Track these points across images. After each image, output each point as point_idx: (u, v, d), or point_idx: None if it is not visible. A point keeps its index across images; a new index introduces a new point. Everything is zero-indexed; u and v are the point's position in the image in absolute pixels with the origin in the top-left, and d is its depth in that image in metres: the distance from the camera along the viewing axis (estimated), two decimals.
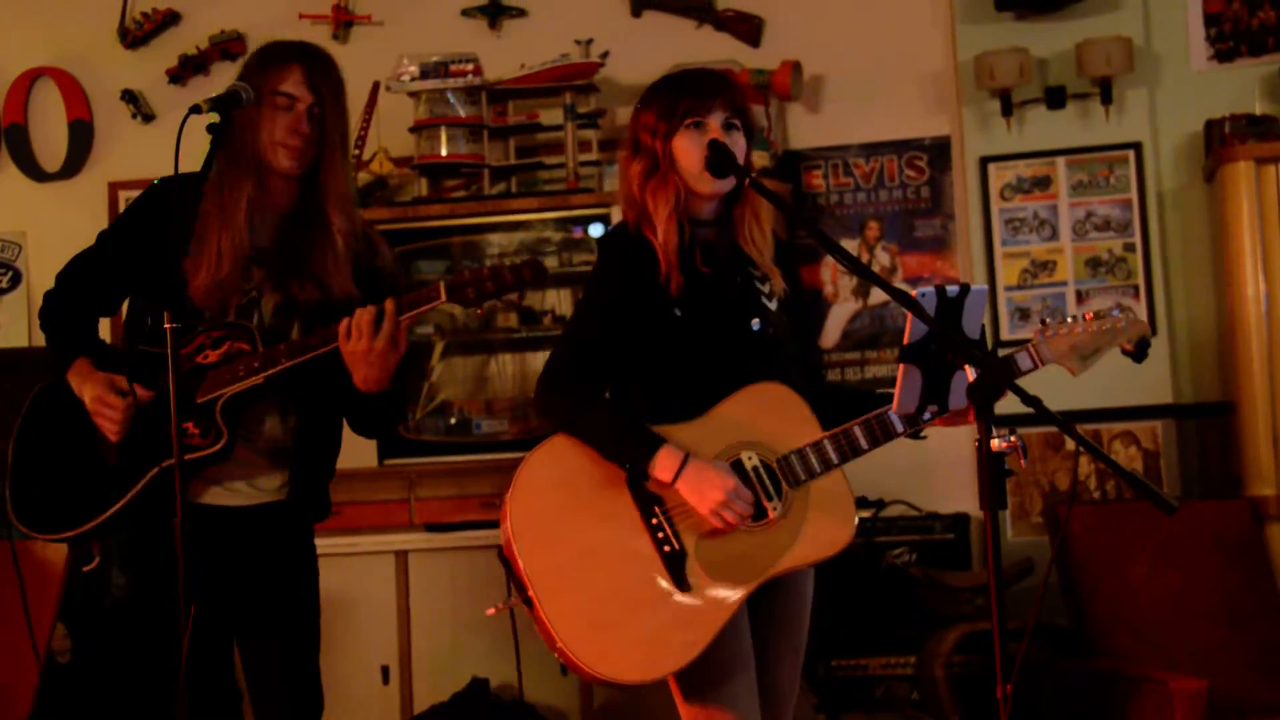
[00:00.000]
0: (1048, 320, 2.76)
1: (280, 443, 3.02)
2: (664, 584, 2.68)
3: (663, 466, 2.68)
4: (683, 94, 2.82)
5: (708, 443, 2.74)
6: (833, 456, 2.74)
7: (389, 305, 2.86)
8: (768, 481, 2.73)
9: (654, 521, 2.71)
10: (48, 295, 3.10)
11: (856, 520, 2.77)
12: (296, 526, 3.08)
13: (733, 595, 2.69)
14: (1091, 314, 2.75)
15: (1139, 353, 2.76)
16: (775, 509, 2.72)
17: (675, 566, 2.68)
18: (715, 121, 2.78)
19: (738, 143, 2.81)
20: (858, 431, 2.74)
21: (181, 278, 2.89)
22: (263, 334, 2.95)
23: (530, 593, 2.68)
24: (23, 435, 3.08)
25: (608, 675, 2.66)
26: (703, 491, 2.67)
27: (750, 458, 2.74)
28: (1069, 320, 2.75)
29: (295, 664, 3.03)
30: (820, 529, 2.74)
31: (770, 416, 2.76)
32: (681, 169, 2.80)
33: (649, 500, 2.71)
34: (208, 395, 2.91)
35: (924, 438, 2.86)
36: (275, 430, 3.01)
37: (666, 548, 2.69)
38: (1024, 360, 2.72)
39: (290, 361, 2.90)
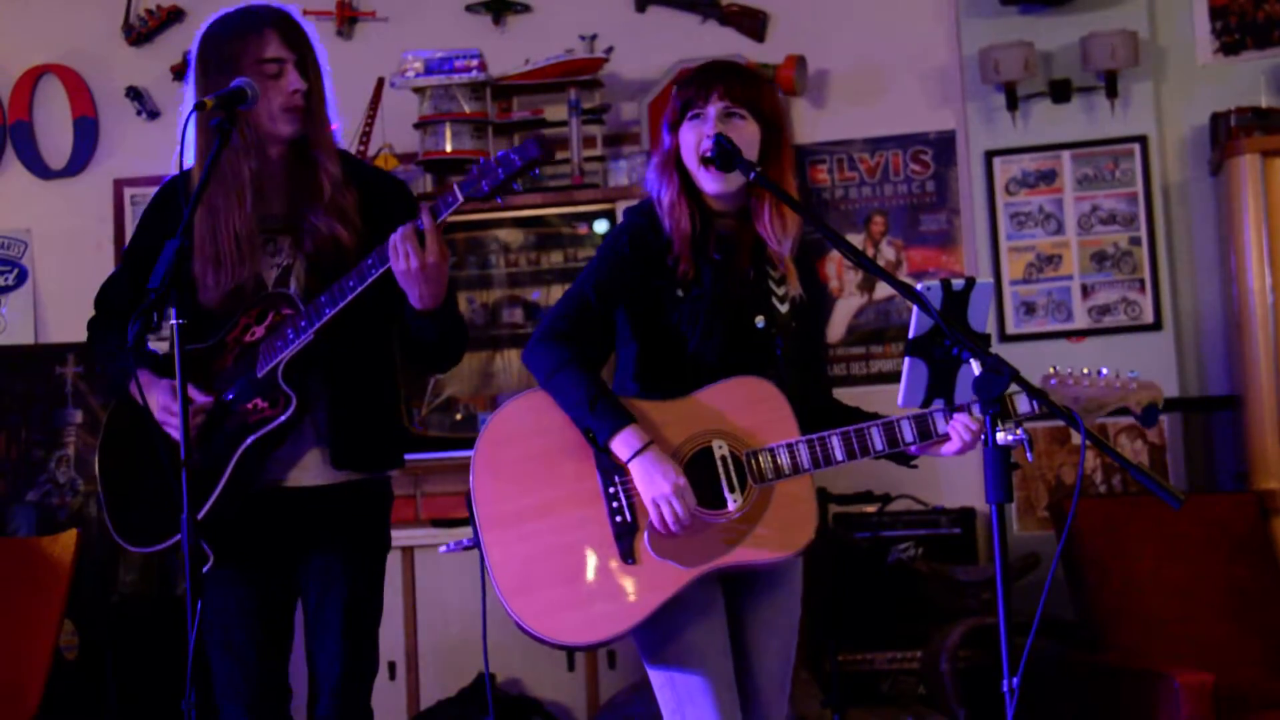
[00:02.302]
0: (1057, 367, 2.72)
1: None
2: (610, 553, 2.69)
3: (623, 444, 2.67)
4: (683, 86, 2.83)
5: (681, 424, 2.73)
6: (804, 461, 2.71)
7: (426, 212, 2.80)
8: (734, 473, 2.71)
9: (611, 490, 2.71)
10: (91, 325, 3.08)
11: (814, 529, 2.73)
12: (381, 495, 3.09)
13: (676, 577, 2.67)
14: (1107, 372, 2.72)
15: (1146, 418, 2.74)
16: (735, 500, 2.70)
17: (624, 538, 2.68)
18: (714, 111, 2.77)
19: (741, 131, 2.77)
20: (834, 441, 2.71)
21: (190, 277, 2.85)
22: (303, 297, 2.91)
23: (480, 538, 2.70)
24: (105, 459, 3.06)
25: (540, 632, 2.66)
26: (652, 478, 2.64)
27: (720, 447, 2.72)
28: (1083, 372, 2.71)
29: (360, 620, 3.01)
30: (775, 530, 2.71)
31: (749, 411, 2.74)
32: (685, 161, 2.81)
33: (611, 469, 2.71)
34: (266, 367, 2.89)
35: (915, 467, 2.83)
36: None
37: (619, 518, 2.69)
38: (1023, 403, 2.67)
39: (335, 308, 2.85)
